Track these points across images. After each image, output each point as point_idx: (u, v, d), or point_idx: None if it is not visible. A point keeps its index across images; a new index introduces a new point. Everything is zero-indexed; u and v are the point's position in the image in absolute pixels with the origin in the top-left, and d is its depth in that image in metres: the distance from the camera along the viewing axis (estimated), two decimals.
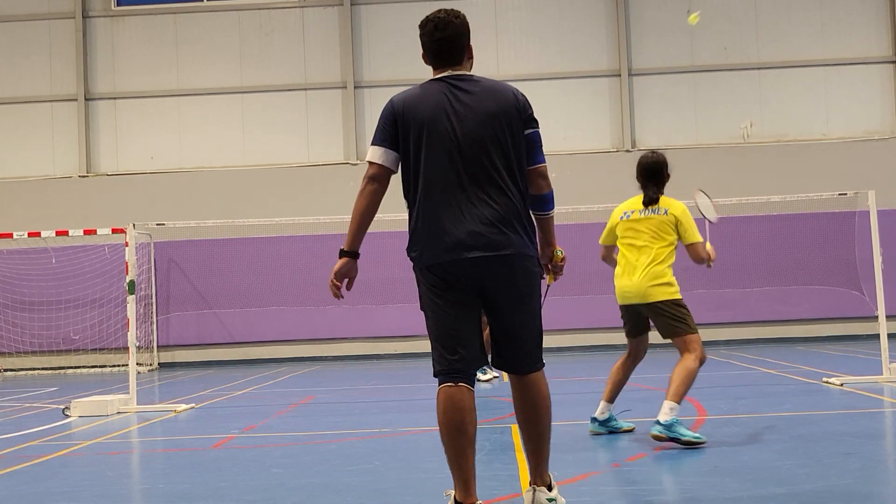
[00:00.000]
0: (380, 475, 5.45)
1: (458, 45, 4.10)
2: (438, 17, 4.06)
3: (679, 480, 4.84)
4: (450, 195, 3.99)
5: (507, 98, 4.14)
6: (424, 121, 4.00)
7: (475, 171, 3.94)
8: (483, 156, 3.96)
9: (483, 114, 4.02)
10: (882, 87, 18.18)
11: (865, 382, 9.20)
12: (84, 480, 5.69)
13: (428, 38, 4.08)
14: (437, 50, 4.08)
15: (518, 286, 3.92)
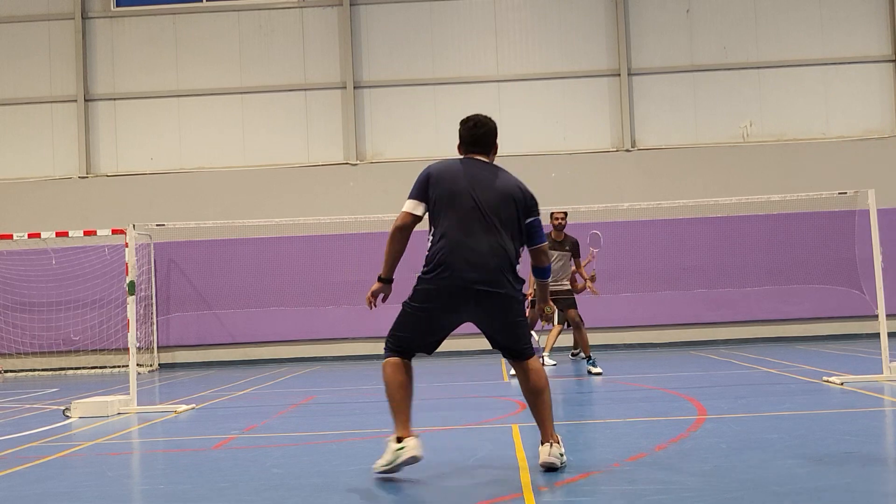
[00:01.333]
0: (385, 475, 5.45)
1: (488, 140, 5.53)
2: (479, 118, 5.55)
3: (679, 480, 4.84)
4: (469, 240, 5.22)
5: (515, 188, 5.42)
6: (453, 182, 5.31)
7: (488, 227, 5.21)
8: (494, 218, 5.23)
9: (497, 189, 5.33)
10: (882, 87, 18.18)
11: (866, 381, 9.21)
12: (84, 481, 5.69)
13: (466, 132, 5.52)
14: (471, 141, 5.51)
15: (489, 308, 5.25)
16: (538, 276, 5.58)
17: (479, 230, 5.16)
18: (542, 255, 5.46)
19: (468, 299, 5.12)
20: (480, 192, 5.25)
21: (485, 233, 5.16)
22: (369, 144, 18.24)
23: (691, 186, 17.18)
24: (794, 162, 17.68)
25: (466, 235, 5.16)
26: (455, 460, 5.76)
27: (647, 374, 11.86)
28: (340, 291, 16.98)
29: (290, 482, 5.31)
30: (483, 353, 16.88)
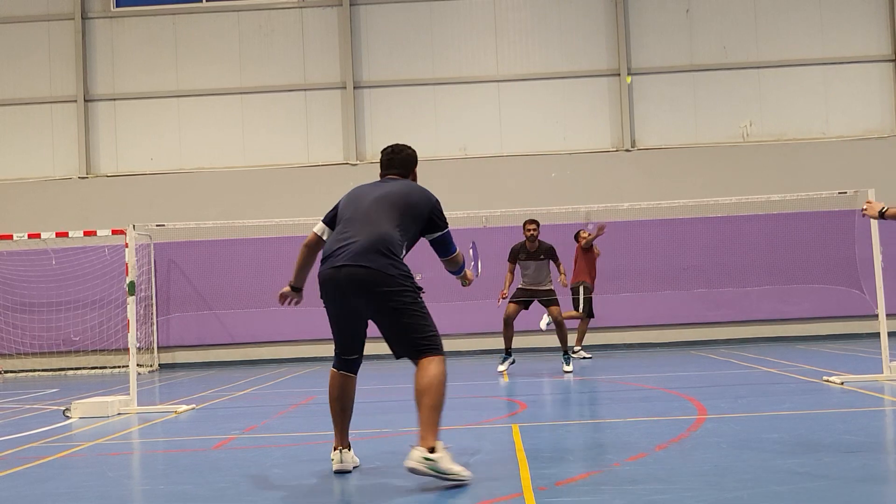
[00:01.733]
0: (380, 475, 5.45)
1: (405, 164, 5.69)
2: (396, 145, 5.76)
3: (679, 480, 4.84)
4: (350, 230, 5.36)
5: (423, 199, 5.45)
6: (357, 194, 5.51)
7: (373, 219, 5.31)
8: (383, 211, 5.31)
9: (396, 191, 5.40)
10: (881, 86, 18.18)
11: (866, 381, 9.21)
12: (85, 481, 5.69)
13: (383, 156, 5.70)
14: (387, 163, 5.67)
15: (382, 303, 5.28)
16: (454, 273, 6.03)
17: (364, 222, 5.25)
18: (454, 263, 5.85)
19: (342, 282, 5.18)
20: (376, 194, 5.39)
21: (369, 224, 5.24)
22: (369, 144, 18.24)
23: (691, 186, 17.18)
24: (793, 162, 17.68)
25: (350, 227, 5.28)
26: (455, 460, 5.76)
27: (647, 374, 11.86)
28: None
29: (290, 482, 5.31)
30: (483, 353, 16.89)
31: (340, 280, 5.16)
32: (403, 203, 5.34)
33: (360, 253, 5.11)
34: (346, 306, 5.30)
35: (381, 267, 5.08)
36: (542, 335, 14.74)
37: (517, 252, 12.65)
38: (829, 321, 17.43)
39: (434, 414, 5.03)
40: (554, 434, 6.87)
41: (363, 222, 5.25)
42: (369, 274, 5.06)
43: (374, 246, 5.12)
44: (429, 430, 4.94)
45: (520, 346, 16.91)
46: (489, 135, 18.17)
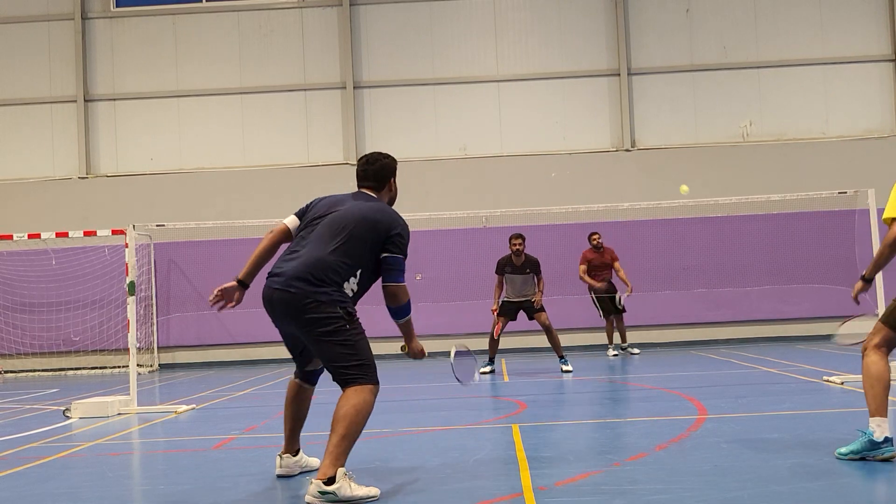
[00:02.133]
0: (380, 475, 5.46)
1: (379, 175, 5.39)
2: (373, 154, 5.45)
3: (679, 480, 4.85)
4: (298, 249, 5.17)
5: (384, 219, 5.12)
6: (322, 206, 5.29)
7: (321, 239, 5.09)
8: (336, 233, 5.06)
9: (357, 211, 5.10)
10: (881, 86, 18.18)
11: None
12: (85, 482, 5.69)
13: (358, 166, 5.42)
14: (362, 175, 5.38)
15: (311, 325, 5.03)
16: (393, 316, 5.27)
17: (311, 242, 5.06)
18: (391, 297, 5.16)
19: (275, 304, 5.03)
20: (338, 211, 5.14)
21: (314, 246, 5.03)
22: (369, 144, 18.23)
23: (691, 186, 17.15)
24: (793, 162, 17.68)
25: (298, 245, 5.12)
26: (455, 460, 5.77)
27: (647, 374, 11.87)
28: None
29: (291, 482, 5.31)
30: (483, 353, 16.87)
31: (274, 301, 5.04)
32: (362, 227, 5.05)
33: (293, 277, 4.94)
34: (281, 327, 5.18)
35: (306, 294, 4.89)
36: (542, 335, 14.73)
37: (504, 265, 12.83)
38: (829, 321, 17.38)
39: (342, 443, 4.81)
40: (554, 434, 6.87)
41: (311, 243, 5.06)
42: (294, 299, 4.92)
43: (307, 271, 4.93)
44: (331, 459, 4.73)
45: (519, 347, 16.93)
46: (489, 135, 18.17)
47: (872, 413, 5.11)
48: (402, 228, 5.16)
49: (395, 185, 5.52)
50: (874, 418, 5.09)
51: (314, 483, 4.68)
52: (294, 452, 5.65)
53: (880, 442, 5.05)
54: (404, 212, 5.48)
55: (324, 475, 4.67)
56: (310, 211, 5.31)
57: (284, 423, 5.60)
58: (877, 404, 5.09)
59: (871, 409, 5.13)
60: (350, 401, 4.88)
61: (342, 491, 4.67)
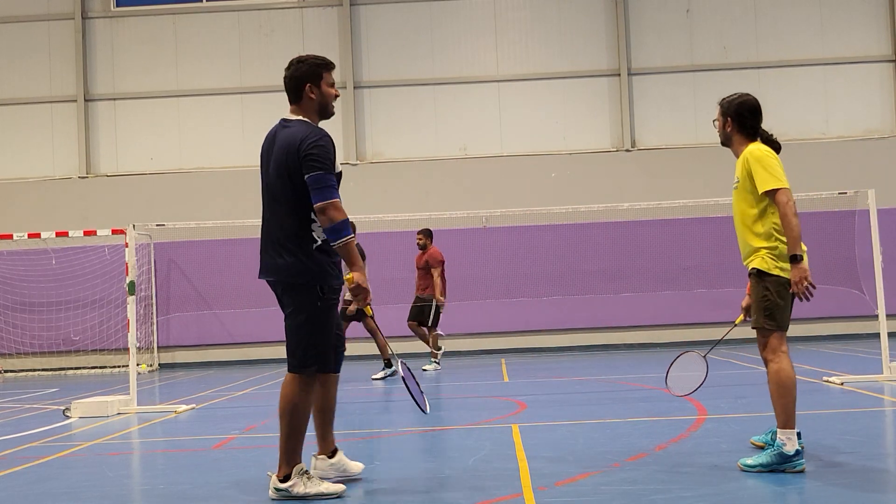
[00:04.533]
0: (380, 475, 5.45)
1: (290, 87, 4.92)
2: (293, 59, 4.96)
3: (679, 480, 4.84)
4: (262, 221, 4.89)
5: (293, 142, 4.67)
6: (261, 156, 4.91)
7: (269, 204, 4.78)
8: (274, 191, 4.74)
9: (277, 154, 4.72)
10: (882, 86, 18.18)
11: (866, 381, 9.21)
12: (85, 481, 5.69)
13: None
14: (286, 90, 4.95)
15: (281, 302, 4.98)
16: (328, 237, 4.66)
17: (266, 212, 4.83)
18: (321, 216, 4.60)
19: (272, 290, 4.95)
20: (268, 164, 4.81)
21: (268, 213, 4.80)
22: (369, 144, 18.24)
23: (691, 186, 17.17)
24: (793, 162, 17.49)
25: (264, 221, 4.86)
26: (455, 460, 5.77)
27: (647, 374, 11.86)
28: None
29: None
30: (483, 352, 16.89)
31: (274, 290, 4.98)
32: (285, 165, 4.65)
33: (262, 258, 4.83)
34: None
35: (288, 279, 4.74)
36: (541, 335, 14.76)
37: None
38: (829, 321, 17.42)
39: (286, 441, 4.81)
40: (554, 434, 6.86)
41: (267, 209, 4.82)
42: (274, 282, 4.86)
43: (269, 246, 4.76)
44: (282, 457, 4.79)
45: (519, 347, 16.93)
46: (489, 135, 18.17)
47: (781, 425, 4.94)
48: (315, 140, 4.63)
49: (320, 90, 4.88)
50: (784, 430, 4.92)
51: (272, 479, 4.81)
52: (330, 454, 5.18)
53: (791, 455, 4.87)
54: (404, 211, 5.41)
55: (280, 472, 4.81)
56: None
57: (313, 420, 5.19)
58: (787, 416, 4.93)
59: (779, 421, 4.95)
60: (282, 391, 5.04)
61: (296, 488, 4.73)
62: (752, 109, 5.28)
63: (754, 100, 5.33)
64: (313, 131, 4.68)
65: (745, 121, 5.27)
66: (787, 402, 4.94)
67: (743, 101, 5.29)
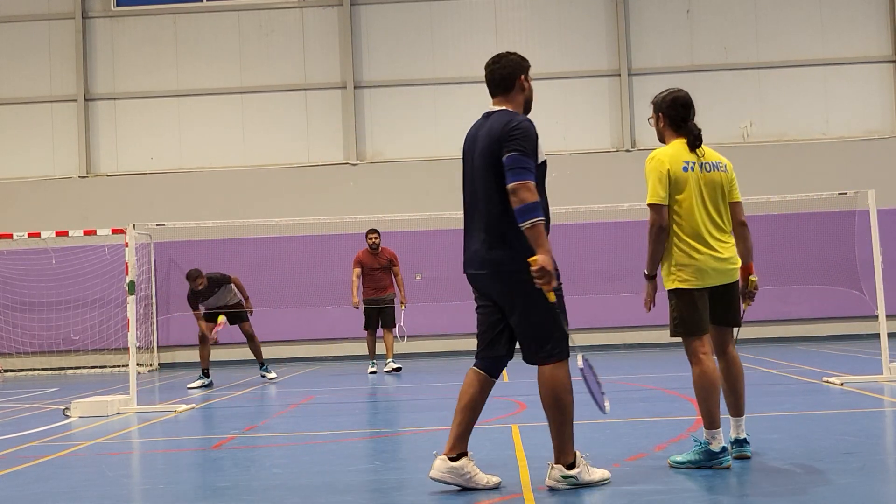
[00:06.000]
0: (380, 475, 5.45)
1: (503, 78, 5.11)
2: (499, 54, 5.13)
3: (679, 480, 4.84)
4: (466, 216, 4.83)
5: (497, 127, 4.76)
6: (464, 150, 4.96)
7: (478, 198, 4.73)
8: (480, 183, 4.72)
9: (481, 151, 4.74)
10: (882, 87, 18.18)
11: (866, 382, 9.20)
12: (84, 481, 5.69)
13: (485, 72, 5.13)
14: (489, 81, 5.12)
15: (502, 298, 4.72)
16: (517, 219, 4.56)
17: (472, 201, 4.78)
18: (511, 196, 4.53)
19: (477, 285, 4.79)
20: (472, 158, 4.83)
21: (475, 204, 4.76)
22: (369, 144, 18.24)
23: None
24: (794, 162, 17.67)
25: (467, 215, 4.82)
26: None
27: (647, 374, 11.86)
28: (340, 291, 16.95)
29: (290, 482, 5.31)
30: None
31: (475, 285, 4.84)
32: (489, 152, 4.67)
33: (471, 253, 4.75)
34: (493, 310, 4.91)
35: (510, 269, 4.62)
36: None
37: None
38: (828, 322, 17.42)
39: (565, 427, 4.84)
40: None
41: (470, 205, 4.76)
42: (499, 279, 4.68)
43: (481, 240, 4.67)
44: (566, 444, 4.77)
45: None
46: None
47: (707, 426, 5.02)
48: (518, 122, 4.73)
49: (528, 82, 5.13)
50: (709, 430, 5.01)
51: (553, 468, 4.69)
52: (456, 456, 4.79)
53: (717, 452, 4.97)
54: (404, 211, 5.44)
55: (562, 460, 4.71)
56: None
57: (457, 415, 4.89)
58: (710, 417, 5.01)
59: (705, 422, 5.03)
60: (548, 382, 4.84)
61: (570, 478, 4.68)
62: (683, 104, 5.32)
63: (686, 94, 5.38)
64: (518, 116, 4.82)
65: (676, 115, 5.32)
66: (709, 404, 5.04)
67: (675, 97, 5.35)
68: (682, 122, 5.31)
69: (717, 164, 5.33)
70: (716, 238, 5.21)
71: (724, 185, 5.33)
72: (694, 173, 5.19)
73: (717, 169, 5.30)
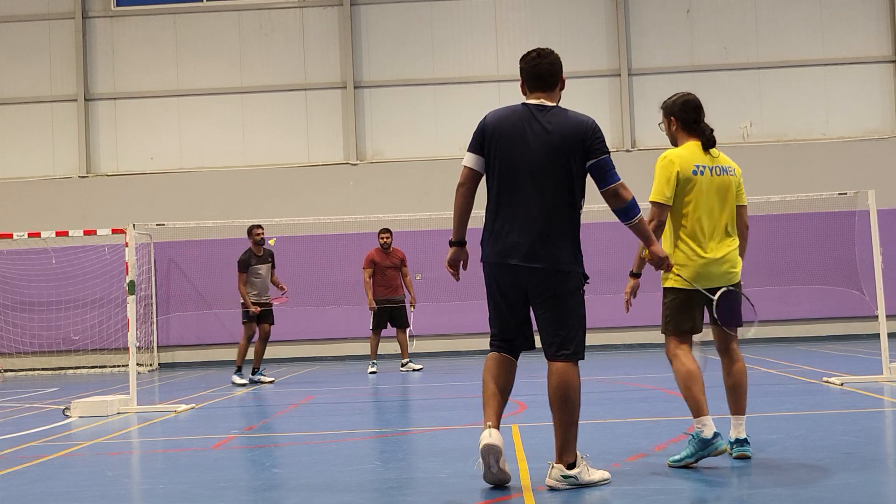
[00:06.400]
0: (380, 475, 5.45)
1: (552, 74, 5.10)
2: (540, 49, 5.10)
3: (679, 480, 4.84)
4: (509, 207, 4.79)
5: (580, 129, 4.90)
6: (504, 138, 4.84)
7: (532, 190, 4.72)
8: (542, 178, 4.73)
9: (549, 145, 4.79)
10: (882, 87, 18.18)
11: (865, 382, 9.20)
12: (84, 481, 5.69)
13: (527, 65, 5.03)
14: (532, 75, 5.04)
15: (544, 291, 4.76)
16: (621, 219, 4.89)
17: (522, 194, 4.76)
18: (613, 199, 4.76)
19: (515, 276, 4.79)
20: (524, 147, 4.81)
21: (527, 197, 4.75)
22: (369, 144, 18.24)
23: None
24: (794, 162, 17.67)
25: (510, 201, 4.79)
26: (455, 460, 5.76)
27: (647, 374, 11.86)
28: (340, 291, 16.98)
29: (290, 482, 5.31)
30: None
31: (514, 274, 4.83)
32: (567, 150, 4.76)
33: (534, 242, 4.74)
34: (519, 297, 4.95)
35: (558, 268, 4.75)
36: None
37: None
38: (828, 322, 17.42)
39: (571, 427, 4.74)
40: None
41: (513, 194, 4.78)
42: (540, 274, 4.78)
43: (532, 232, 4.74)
44: (570, 444, 4.72)
45: None
46: None
47: (694, 415, 5.10)
48: (596, 126, 4.97)
49: (563, 79, 5.25)
50: (697, 419, 5.07)
51: (553, 468, 4.70)
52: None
53: (710, 438, 5.01)
54: (404, 211, 5.47)
55: (563, 460, 4.69)
56: (491, 141, 4.86)
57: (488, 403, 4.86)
58: (696, 407, 5.11)
59: (692, 412, 5.12)
60: (561, 376, 4.78)
61: (582, 475, 4.70)
62: (694, 107, 5.59)
63: (695, 97, 5.62)
64: (585, 116, 5.02)
65: (688, 118, 5.55)
66: (690, 394, 5.16)
67: (686, 100, 5.58)
68: (694, 125, 5.51)
69: (727, 168, 5.49)
70: (719, 241, 5.35)
71: (733, 190, 5.49)
72: (704, 177, 5.32)
73: (726, 173, 5.46)
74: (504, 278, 4.83)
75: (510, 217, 4.77)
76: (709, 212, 5.33)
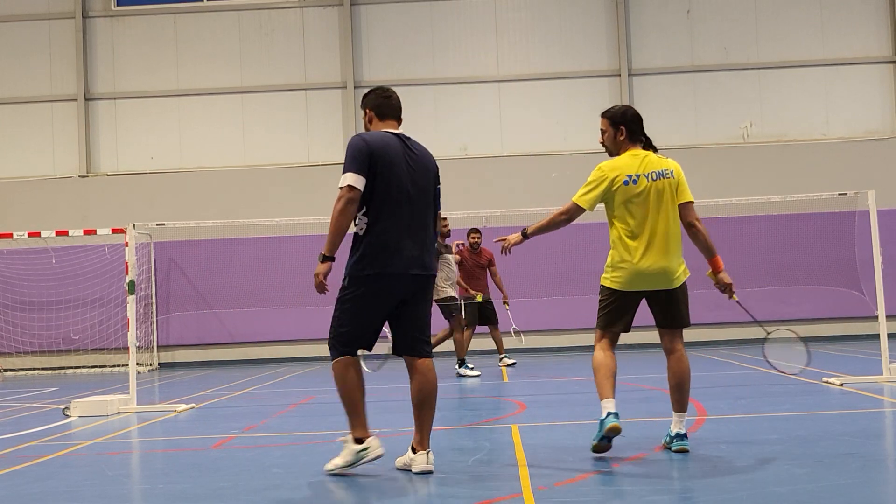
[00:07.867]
0: (380, 475, 5.45)
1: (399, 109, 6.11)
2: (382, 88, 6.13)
3: (679, 480, 4.85)
4: (400, 223, 5.27)
5: (433, 163, 5.68)
6: (391, 163, 5.36)
7: (419, 209, 5.36)
8: (424, 198, 5.43)
9: (424, 169, 5.52)
10: (882, 87, 18.18)
11: (865, 382, 9.20)
12: (84, 480, 5.69)
13: (387, 101, 6.13)
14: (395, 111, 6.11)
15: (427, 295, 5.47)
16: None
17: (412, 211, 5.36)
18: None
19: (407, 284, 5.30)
20: (413, 172, 5.47)
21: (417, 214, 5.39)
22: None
23: (691, 186, 17.12)
24: (794, 163, 17.67)
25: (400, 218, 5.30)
26: (455, 460, 5.77)
27: (647, 374, 11.86)
28: None
29: (290, 482, 5.31)
30: (483, 352, 16.88)
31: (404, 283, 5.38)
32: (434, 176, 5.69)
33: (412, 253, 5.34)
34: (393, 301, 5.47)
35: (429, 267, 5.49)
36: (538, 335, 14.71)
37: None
38: (828, 322, 17.42)
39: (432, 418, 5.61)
40: (553, 434, 6.86)
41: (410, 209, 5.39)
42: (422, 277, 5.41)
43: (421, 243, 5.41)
44: (427, 436, 5.52)
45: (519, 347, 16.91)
46: (489, 135, 18.17)
47: (599, 397, 5.62)
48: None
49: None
50: (602, 401, 5.58)
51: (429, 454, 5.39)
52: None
53: (604, 418, 5.44)
54: None
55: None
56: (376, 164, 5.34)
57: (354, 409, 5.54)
58: (601, 389, 5.68)
59: (599, 395, 5.63)
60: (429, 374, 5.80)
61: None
62: (639, 118, 5.93)
63: (635, 110, 6.02)
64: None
65: (636, 128, 5.89)
66: (597, 379, 5.72)
67: (634, 112, 5.93)
68: (640, 134, 5.93)
69: (663, 171, 5.78)
70: (656, 247, 5.62)
71: (670, 192, 5.73)
72: (638, 186, 5.63)
73: (663, 177, 5.75)
74: (398, 287, 5.25)
75: (404, 229, 5.27)
76: (642, 219, 5.63)
